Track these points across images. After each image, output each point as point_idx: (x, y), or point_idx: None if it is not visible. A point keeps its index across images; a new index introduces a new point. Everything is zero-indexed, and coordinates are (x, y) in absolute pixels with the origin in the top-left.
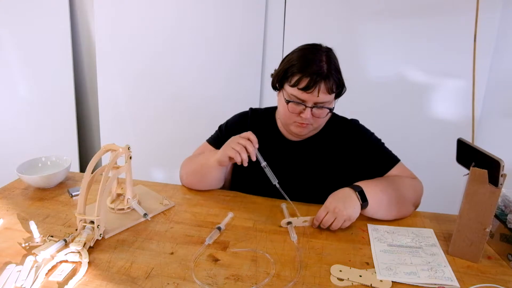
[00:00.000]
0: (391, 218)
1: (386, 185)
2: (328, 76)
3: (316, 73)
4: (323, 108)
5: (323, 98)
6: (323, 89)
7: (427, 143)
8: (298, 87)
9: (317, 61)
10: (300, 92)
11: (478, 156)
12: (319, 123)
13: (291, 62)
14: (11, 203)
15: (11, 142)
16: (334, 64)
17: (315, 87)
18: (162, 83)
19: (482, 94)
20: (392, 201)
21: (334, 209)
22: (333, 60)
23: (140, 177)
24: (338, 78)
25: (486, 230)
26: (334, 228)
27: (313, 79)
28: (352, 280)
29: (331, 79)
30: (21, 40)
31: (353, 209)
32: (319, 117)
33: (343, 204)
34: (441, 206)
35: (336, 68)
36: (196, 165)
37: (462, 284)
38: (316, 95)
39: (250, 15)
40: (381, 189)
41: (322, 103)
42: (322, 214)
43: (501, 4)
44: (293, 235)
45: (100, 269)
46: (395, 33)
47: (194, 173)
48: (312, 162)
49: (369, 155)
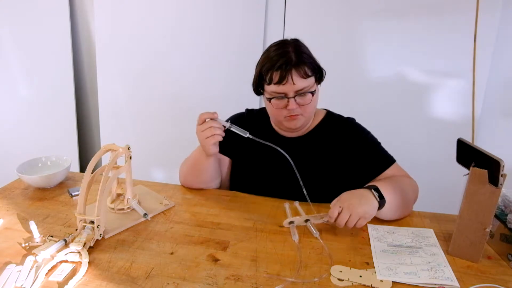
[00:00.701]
0: (396, 218)
1: (396, 184)
2: (297, 62)
3: (284, 63)
4: (306, 94)
5: (301, 85)
6: (296, 76)
7: (427, 143)
8: (274, 83)
9: (284, 53)
10: (276, 86)
11: (478, 156)
12: (308, 110)
13: (262, 64)
14: (11, 203)
15: (11, 142)
16: (303, 51)
17: (288, 76)
18: (162, 83)
19: (482, 94)
20: (402, 200)
21: (348, 206)
22: (301, 48)
23: (140, 177)
24: (310, 62)
25: (486, 230)
26: (350, 226)
27: (284, 70)
28: (352, 281)
29: (301, 64)
30: (21, 40)
31: (370, 206)
32: (304, 104)
33: (358, 200)
34: (441, 206)
35: (306, 54)
36: (190, 163)
37: (462, 284)
38: (291, 83)
39: (250, 15)
40: (393, 188)
41: (301, 90)
42: (335, 210)
43: (501, 4)
44: (294, 236)
45: (100, 269)
46: (395, 33)
47: (190, 170)
48: (308, 158)
49: (364, 155)
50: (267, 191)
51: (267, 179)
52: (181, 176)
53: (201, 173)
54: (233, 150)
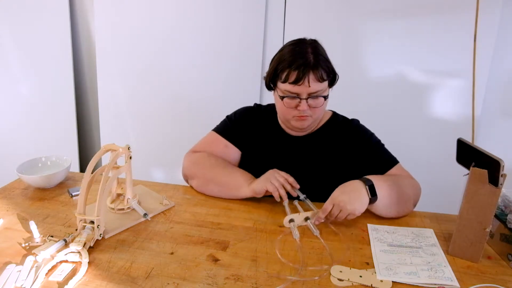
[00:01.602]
0: (394, 215)
1: (393, 182)
2: (315, 65)
3: (303, 64)
4: (318, 97)
5: (315, 88)
6: (313, 79)
7: (427, 143)
8: (289, 82)
9: (303, 53)
10: (291, 86)
11: (478, 156)
12: (317, 113)
13: (279, 60)
14: (11, 203)
15: (11, 142)
16: (321, 53)
17: (305, 78)
18: (162, 83)
19: (482, 94)
20: (398, 198)
21: (339, 203)
22: (320, 50)
23: (140, 177)
24: (327, 66)
25: (486, 230)
26: (339, 220)
27: (301, 71)
28: (353, 281)
29: (319, 68)
30: (21, 40)
31: (360, 203)
32: (315, 107)
33: (348, 198)
34: (441, 206)
35: (324, 57)
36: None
37: (462, 284)
38: (307, 85)
39: (250, 15)
40: (389, 185)
41: (315, 93)
42: (328, 207)
43: (501, 3)
44: (295, 233)
45: (100, 269)
46: (395, 32)
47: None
48: (312, 158)
49: (368, 155)
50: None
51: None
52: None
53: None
54: (243, 143)
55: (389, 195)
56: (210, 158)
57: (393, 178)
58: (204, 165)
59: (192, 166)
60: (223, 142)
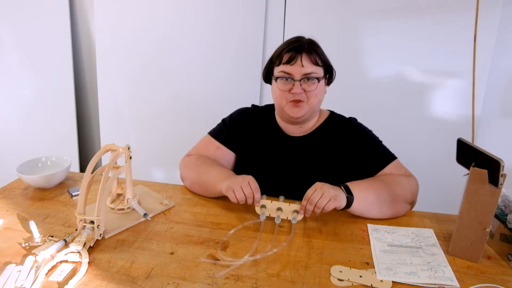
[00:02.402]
0: (383, 216)
1: (373, 182)
2: (309, 50)
3: (297, 46)
4: (312, 80)
5: (309, 69)
6: (306, 59)
7: (427, 143)
8: (283, 62)
9: (297, 40)
10: (284, 66)
11: (478, 156)
12: (311, 99)
13: (276, 49)
14: (11, 203)
15: (11, 142)
16: (317, 45)
17: (297, 57)
18: (162, 83)
19: (483, 93)
20: (381, 198)
21: (321, 187)
22: (315, 43)
23: (140, 177)
24: (322, 54)
25: (486, 230)
26: (320, 206)
27: (295, 51)
28: (353, 281)
29: (313, 52)
30: (21, 40)
31: (340, 193)
32: (309, 90)
33: (329, 188)
34: (441, 206)
35: (319, 48)
36: (202, 179)
37: (462, 284)
38: (300, 65)
39: (250, 15)
40: (367, 186)
41: (309, 74)
42: (310, 192)
43: (501, 3)
44: (262, 215)
45: (100, 269)
46: (395, 32)
47: (199, 185)
48: (311, 158)
49: (364, 152)
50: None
51: (269, 177)
52: (186, 181)
53: (211, 194)
54: (238, 145)
55: (367, 195)
56: (198, 159)
57: (377, 179)
58: (191, 166)
59: (183, 168)
60: (215, 144)
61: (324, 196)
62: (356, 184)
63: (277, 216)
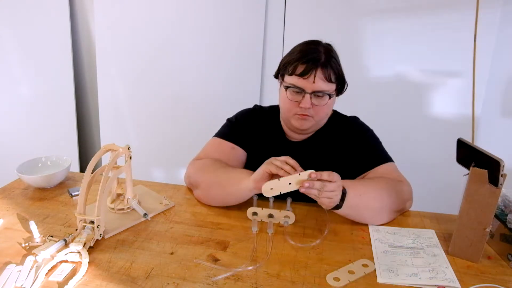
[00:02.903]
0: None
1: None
2: (325, 64)
3: (313, 59)
4: (323, 96)
5: (321, 86)
6: (320, 76)
7: (427, 143)
8: (296, 74)
9: (315, 50)
10: (297, 78)
11: (478, 156)
12: (319, 115)
13: (290, 53)
14: (11, 203)
15: (11, 142)
16: (333, 56)
17: (312, 73)
18: (162, 83)
19: (483, 93)
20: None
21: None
22: (333, 53)
23: (140, 177)
24: (337, 69)
25: (486, 230)
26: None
27: (310, 65)
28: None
29: (329, 67)
30: (21, 40)
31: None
32: (318, 105)
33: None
34: (441, 206)
35: (336, 60)
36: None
37: (462, 284)
38: (312, 81)
39: (250, 15)
40: (360, 194)
41: (320, 91)
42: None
43: (501, 2)
44: (254, 227)
45: (100, 269)
46: (395, 32)
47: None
48: (314, 162)
49: (360, 148)
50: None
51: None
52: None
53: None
54: (248, 144)
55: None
56: (214, 162)
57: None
58: (208, 169)
59: (197, 172)
60: (229, 145)
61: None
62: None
63: (269, 228)
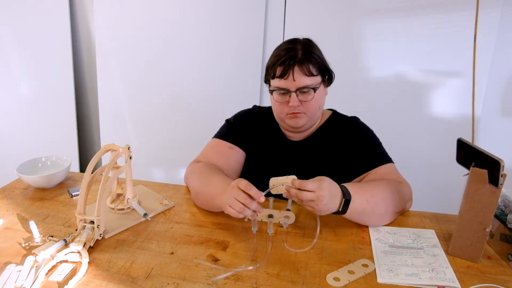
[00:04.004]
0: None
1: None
2: (302, 60)
3: (288, 58)
4: (308, 91)
5: (303, 82)
6: (298, 72)
7: (427, 143)
8: (277, 76)
9: (291, 49)
10: (278, 80)
11: (478, 156)
12: (310, 110)
13: (270, 58)
14: (11, 203)
15: (11, 142)
16: (312, 50)
17: (289, 72)
18: (162, 83)
19: (482, 93)
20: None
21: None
22: (311, 47)
23: (140, 177)
24: (318, 61)
25: (486, 230)
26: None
27: (287, 65)
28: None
29: (306, 62)
30: (21, 40)
31: (328, 209)
32: (306, 101)
33: (329, 197)
34: (441, 206)
35: (315, 53)
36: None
37: (462, 284)
38: (292, 79)
39: (250, 15)
40: (368, 199)
41: (303, 87)
42: (309, 187)
43: (501, 2)
44: (254, 228)
45: (100, 269)
46: (395, 32)
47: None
48: (313, 161)
49: (360, 149)
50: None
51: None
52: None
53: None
54: (247, 145)
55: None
56: (207, 169)
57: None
58: (199, 176)
59: (189, 176)
60: (227, 144)
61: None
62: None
63: (269, 228)
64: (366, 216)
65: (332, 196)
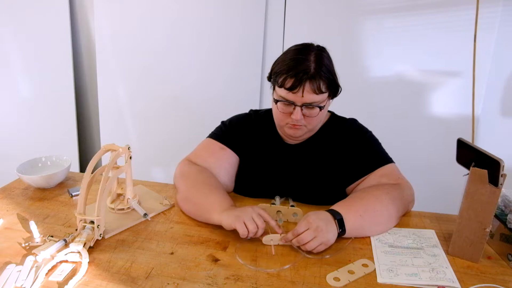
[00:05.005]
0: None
1: (366, 208)
2: (314, 75)
3: (301, 72)
4: (314, 107)
5: (310, 99)
6: (308, 89)
7: (427, 143)
8: (285, 87)
9: (304, 61)
10: (286, 92)
11: (478, 156)
12: (312, 124)
13: (280, 62)
14: (11, 203)
15: (11, 142)
16: (324, 63)
17: (300, 87)
18: (162, 83)
19: (483, 93)
20: (371, 222)
21: (316, 228)
22: (324, 60)
23: (140, 177)
24: (328, 77)
25: (486, 230)
26: (308, 249)
27: (298, 79)
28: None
29: (318, 78)
30: (21, 40)
31: (333, 234)
32: (310, 116)
33: (325, 226)
34: (441, 206)
35: (326, 67)
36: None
37: (462, 284)
38: (301, 95)
39: (250, 15)
40: (361, 214)
41: (310, 103)
42: (302, 228)
43: (501, 2)
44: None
45: (100, 269)
46: (395, 32)
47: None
48: (311, 165)
49: (359, 151)
50: (269, 195)
51: (269, 184)
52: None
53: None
54: (241, 148)
55: (360, 225)
56: (199, 173)
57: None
58: (189, 179)
59: (179, 177)
60: (218, 145)
61: (316, 239)
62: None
63: (279, 218)
64: (367, 229)
65: (326, 222)
